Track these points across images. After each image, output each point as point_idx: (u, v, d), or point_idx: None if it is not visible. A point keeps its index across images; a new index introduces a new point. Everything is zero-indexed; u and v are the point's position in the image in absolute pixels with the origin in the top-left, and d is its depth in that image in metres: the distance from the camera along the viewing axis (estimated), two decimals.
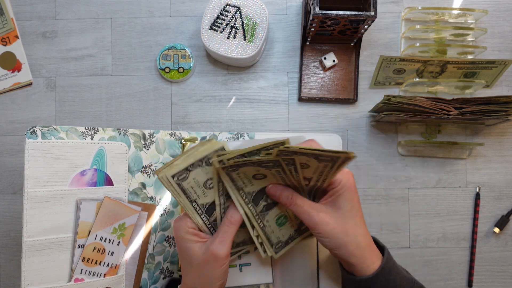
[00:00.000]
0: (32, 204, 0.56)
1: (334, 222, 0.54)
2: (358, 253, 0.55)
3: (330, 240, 0.54)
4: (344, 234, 0.54)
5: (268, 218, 0.58)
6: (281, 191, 0.55)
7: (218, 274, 0.55)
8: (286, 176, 0.54)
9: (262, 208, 0.57)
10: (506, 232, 0.75)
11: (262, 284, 0.69)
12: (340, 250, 0.55)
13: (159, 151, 0.70)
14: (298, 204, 0.55)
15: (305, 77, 0.77)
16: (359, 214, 0.56)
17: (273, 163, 0.50)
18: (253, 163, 0.50)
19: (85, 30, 0.78)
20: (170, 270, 0.71)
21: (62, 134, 0.59)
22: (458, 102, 0.65)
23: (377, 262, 0.56)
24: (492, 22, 0.78)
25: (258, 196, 0.56)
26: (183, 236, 0.56)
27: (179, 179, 0.53)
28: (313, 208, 0.55)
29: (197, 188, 0.54)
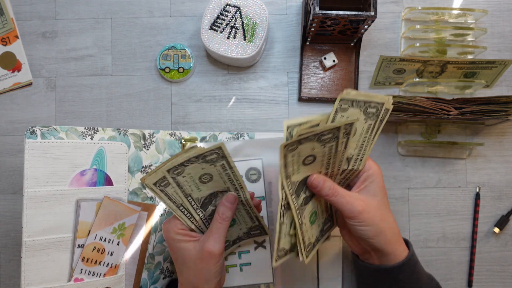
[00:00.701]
0: (32, 204, 0.56)
1: (374, 209, 0.55)
2: (394, 240, 0.56)
3: (371, 227, 0.54)
4: (383, 221, 0.55)
5: (305, 214, 0.57)
6: (324, 181, 0.54)
7: (215, 271, 0.55)
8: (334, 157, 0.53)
9: (302, 201, 0.56)
10: (506, 232, 0.75)
11: (262, 284, 0.69)
12: (378, 237, 0.55)
13: (159, 151, 0.70)
14: (340, 194, 0.54)
15: (305, 77, 0.77)
16: (388, 202, 0.58)
17: (333, 134, 0.50)
18: (314, 136, 0.49)
19: (85, 30, 0.78)
20: (170, 270, 0.71)
21: (62, 134, 0.59)
22: (458, 102, 0.65)
23: (405, 252, 0.57)
24: (492, 22, 0.78)
25: (300, 187, 0.55)
26: (174, 237, 0.56)
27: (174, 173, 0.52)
28: (354, 197, 0.55)
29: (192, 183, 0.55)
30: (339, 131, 0.50)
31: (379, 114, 0.54)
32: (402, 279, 0.56)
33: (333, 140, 0.51)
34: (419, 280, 0.58)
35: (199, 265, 0.55)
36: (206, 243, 0.55)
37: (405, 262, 0.56)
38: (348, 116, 0.52)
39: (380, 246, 0.56)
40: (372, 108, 0.53)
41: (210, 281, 0.55)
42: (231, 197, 0.57)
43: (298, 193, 0.54)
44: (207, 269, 0.55)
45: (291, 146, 0.48)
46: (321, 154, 0.53)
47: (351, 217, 0.54)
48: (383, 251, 0.56)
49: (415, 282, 0.57)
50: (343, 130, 0.50)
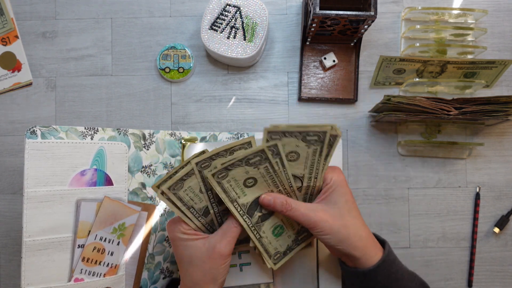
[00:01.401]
0: (32, 204, 0.56)
1: (332, 218, 0.55)
2: (360, 245, 0.56)
3: (332, 236, 0.55)
4: (344, 227, 0.55)
5: (264, 229, 0.58)
6: (275, 198, 0.55)
7: (222, 269, 0.55)
8: (277, 177, 0.54)
9: (258, 219, 0.57)
10: (506, 232, 0.75)
11: (262, 284, 0.69)
12: (342, 244, 0.55)
13: (159, 151, 0.70)
14: (294, 208, 0.55)
15: (305, 77, 0.77)
16: (354, 207, 0.57)
17: (260, 156, 0.50)
18: (240, 161, 0.50)
19: (85, 30, 0.78)
20: (170, 270, 0.71)
21: (62, 134, 0.59)
22: (458, 102, 0.65)
23: (379, 254, 0.57)
24: (492, 22, 0.78)
25: (252, 207, 0.56)
26: (181, 236, 0.56)
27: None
28: (309, 209, 0.56)
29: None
30: (265, 153, 0.50)
31: (324, 140, 0.52)
32: (380, 280, 0.56)
33: (265, 162, 0.51)
34: (398, 279, 0.57)
35: (208, 264, 0.55)
36: (218, 244, 0.55)
37: (380, 264, 0.56)
38: (283, 144, 0.51)
39: (347, 252, 0.56)
40: (313, 136, 0.51)
41: (216, 281, 0.55)
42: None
43: (250, 212, 0.56)
44: (215, 269, 0.55)
45: (220, 173, 0.50)
46: (259, 176, 0.53)
47: (310, 228, 0.55)
48: (352, 256, 0.56)
49: (393, 282, 0.57)
50: (270, 152, 0.51)
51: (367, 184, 0.76)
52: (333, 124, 0.51)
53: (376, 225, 0.75)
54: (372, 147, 0.76)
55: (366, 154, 0.76)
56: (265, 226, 0.58)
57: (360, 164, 0.76)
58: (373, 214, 0.75)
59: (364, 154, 0.76)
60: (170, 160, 0.71)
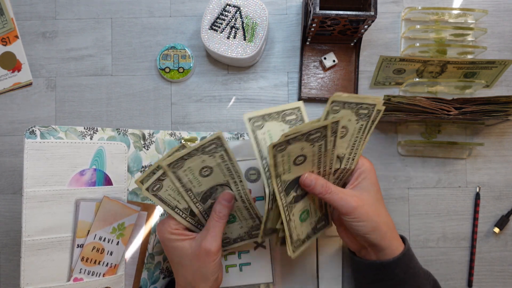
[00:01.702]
0: (31, 204, 0.56)
1: (368, 205, 0.55)
2: (389, 235, 0.57)
3: (366, 223, 0.55)
4: (377, 216, 0.56)
5: (294, 212, 0.57)
6: (317, 179, 0.55)
7: (212, 268, 0.55)
8: (324, 156, 0.54)
9: (292, 199, 0.56)
10: (506, 232, 0.75)
11: (262, 284, 0.69)
12: (374, 233, 0.56)
13: (158, 151, 0.70)
14: (333, 191, 0.55)
15: (305, 77, 0.77)
16: (382, 198, 0.58)
17: (321, 133, 0.51)
18: (303, 135, 0.50)
19: (85, 30, 0.78)
20: (170, 270, 0.71)
21: (61, 134, 0.59)
22: (458, 102, 0.65)
23: (400, 247, 0.57)
24: (492, 22, 0.78)
25: (290, 186, 0.55)
26: (169, 237, 0.56)
27: (174, 167, 0.53)
28: (347, 194, 0.56)
29: (192, 177, 0.55)
30: (326, 129, 0.51)
31: (371, 115, 0.55)
32: (398, 273, 0.57)
33: (322, 139, 0.52)
34: (415, 275, 0.58)
35: (196, 264, 0.55)
36: (203, 241, 0.55)
37: (401, 257, 0.56)
38: (341, 117, 0.53)
39: (376, 241, 0.56)
40: (364, 110, 0.54)
41: (207, 279, 0.56)
42: (227, 195, 0.57)
43: (288, 191, 0.55)
44: (204, 267, 0.55)
45: (280, 146, 0.49)
46: (311, 154, 0.53)
47: (346, 213, 0.55)
48: (379, 246, 0.57)
49: (411, 277, 0.57)
50: (330, 128, 0.51)
51: None
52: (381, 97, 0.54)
53: None
54: (372, 147, 0.76)
55: (366, 154, 0.76)
56: (296, 208, 0.58)
57: None
58: None
59: (364, 154, 0.76)
60: None
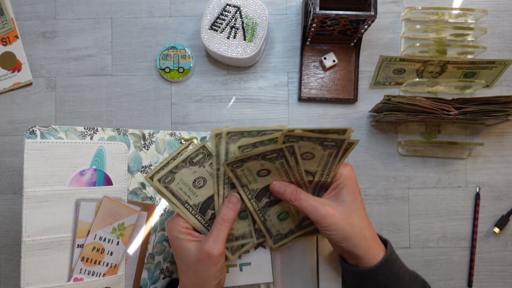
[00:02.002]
0: (31, 204, 0.56)
1: (340, 215, 0.55)
2: (363, 244, 0.56)
3: (337, 232, 0.55)
4: (350, 226, 0.55)
5: (269, 213, 0.59)
6: (285, 187, 0.56)
7: (213, 272, 0.55)
8: (290, 170, 0.54)
9: (265, 204, 0.58)
10: (506, 232, 0.75)
11: (262, 284, 0.69)
12: (346, 242, 0.55)
13: (158, 151, 0.70)
14: (303, 199, 0.55)
15: (305, 77, 0.77)
16: (361, 206, 0.57)
17: (277, 153, 0.51)
18: (257, 156, 0.50)
19: (85, 30, 0.78)
20: (170, 270, 0.71)
21: (62, 134, 0.59)
22: (458, 102, 0.65)
23: (381, 254, 0.57)
24: (492, 22, 0.77)
25: (262, 193, 0.56)
26: (177, 236, 0.56)
27: (166, 182, 0.54)
28: (318, 202, 0.55)
29: (186, 189, 0.55)
30: (283, 151, 0.51)
31: (341, 145, 0.53)
32: (380, 280, 0.56)
33: (281, 158, 0.52)
34: (399, 279, 0.57)
35: (198, 266, 0.55)
36: (205, 244, 0.54)
37: (382, 264, 0.55)
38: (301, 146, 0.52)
39: (349, 250, 0.56)
40: (330, 142, 0.52)
41: (208, 283, 0.55)
42: (234, 198, 0.57)
43: (259, 197, 0.57)
44: (205, 271, 0.55)
45: (235, 164, 0.50)
46: (274, 168, 0.54)
47: (316, 221, 0.55)
48: (354, 254, 0.56)
49: (395, 281, 0.56)
50: (287, 151, 0.51)
51: (367, 184, 0.76)
52: (351, 130, 0.51)
53: (376, 225, 0.75)
54: (372, 147, 0.76)
55: (366, 154, 0.76)
56: (271, 211, 0.59)
57: (360, 164, 0.76)
58: (373, 214, 0.75)
59: (364, 154, 0.76)
60: None
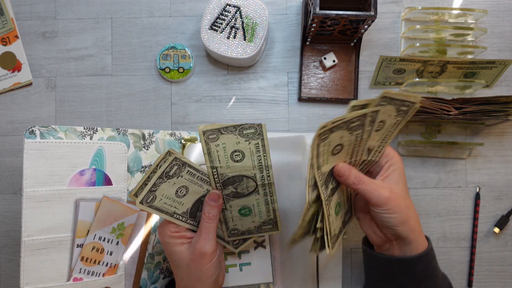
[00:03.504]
0: (31, 204, 0.56)
1: (399, 197, 0.55)
2: (417, 228, 0.56)
3: (397, 215, 0.54)
4: (408, 208, 0.55)
5: (331, 205, 0.57)
6: (350, 169, 0.55)
7: (208, 270, 0.55)
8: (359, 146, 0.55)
9: (330, 192, 0.56)
10: (506, 232, 0.75)
11: (262, 284, 0.69)
12: (403, 225, 0.55)
13: (158, 151, 0.70)
14: (366, 182, 0.55)
15: (305, 77, 0.77)
16: (408, 190, 0.58)
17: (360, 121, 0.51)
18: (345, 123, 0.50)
19: (85, 30, 0.78)
20: (169, 270, 0.71)
21: (61, 134, 0.59)
22: (458, 102, 0.65)
23: (425, 244, 0.57)
24: (492, 22, 0.77)
25: (328, 178, 0.55)
26: (168, 241, 0.56)
27: (148, 201, 0.54)
28: (379, 185, 0.55)
29: (170, 202, 0.55)
30: (365, 118, 0.51)
31: (408, 112, 0.55)
32: (417, 271, 0.56)
33: (360, 128, 0.52)
34: (433, 276, 0.57)
35: (192, 267, 0.55)
36: (196, 244, 0.55)
37: (424, 254, 0.55)
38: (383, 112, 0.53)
39: (404, 234, 0.55)
40: (405, 107, 0.54)
41: (204, 281, 0.55)
42: (214, 195, 0.56)
43: (327, 184, 0.55)
44: (199, 270, 0.55)
45: (324, 135, 0.49)
46: (347, 143, 0.53)
47: (378, 205, 0.54)
48: (406, 239, 0.55)
49: (429, 276, 0.56)
50: (369, 117, 0.52)
51: None
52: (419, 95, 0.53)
53: None
54: None
55: None
56: (332, 201, 0.57)
57: None
58: None
59: None
60: None
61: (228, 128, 0.52)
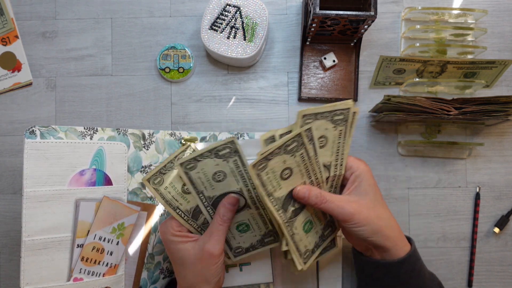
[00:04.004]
0: (31, 204, 0.56)
1: (367, 209, 0.55)
2: (392, 235, 0.56)
3: (367, 227, 0.54)
4: (378, 218, 0.55)
5: (296, 225, 0.57)
6: (310, 190, 0.55)
7: (214, 271, 0.55)
8: (310, 165, 0.54)
9: (291, 214, 0.56)
10: (506, 232, 0.75)
11: (262, 284, 0.69)
12: (376, 236, 0.55)
13: (158, 151, 0.70)
14: (329, 200, 0.54)
15: (305, 77, 0.77)
16: (382, 198, 0.58)
17: (297, 142, 0.51)
18: (279, 149, 0.50)
19: (85, 30, 0.78)
20: (169, 270, 0.71)
21: (61, 134, 0.59)
22: (458, 102, 0.65)
23: (406, 248, 0.57)
24: (492, 22, 0.77)
25: (286, 201, 0.55)
26: (171, 238, 0.56)
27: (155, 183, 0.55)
28: (343, 200, 0.55)
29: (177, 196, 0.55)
30: (301, 137, 0.51)
31: (347, 118, 0.55)
32: (402, 274, 0.56)
33: (301, 148, 0.52)
34: (420, 277, 0.57)
35: (199, 265, 0.55)
36: (206, 244, 0.54)
37: (406, 258, 0.56)
38: (316, 128, 0.53)
39: (379, 243, 0.55)
40: (339, 115, 0.54)
41: (208, 282, 0.55)
42: (232, 199, 0.56)
43: (285, 207, 0.55)
44: (206, 270, 0.55)
45: (260, 164, 0.49)
46: (295, 165, 0.53)
47: (345, 221, 0.55)
48: (383, 247, 0.56)
49: (415, 278, 0.57)
50: (305, 136, 0.51)
51: None
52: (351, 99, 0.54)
53: None
54: (372, 147, 0.76)
55: (366, 154, 0.76)
56: (297, 221, 0.57)
57: None
58: None
59: (364, 154, 0.76)
60: None
61: (204, 154, 0.53)
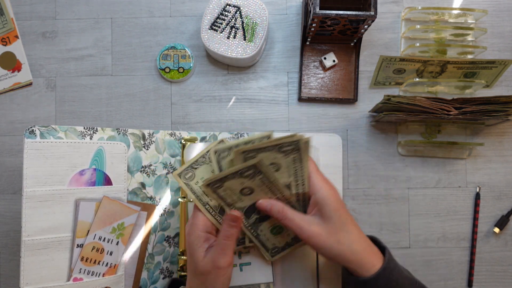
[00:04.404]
0: (31, 204, 0.56)
1: (326, 234, 0.54)
2: (353, 259, 0.55)
3: (324, 251, 0.55)
4: (337, 243, 0.54)
5: (262, 228, 0.59)
6: (272, 205, 0.55)
7: (221, 282, 0.54)
8: (272, 186, 0.54)
9: (255, 220, 0.58)
10: (506, 232, 0.75)
11: (262, 284, 0.69)
12: (336, 259, 0.55)
13: (158, 151, 0.70)
14: (289, 218, 0.55)
15: (305, 77, 0.77)
16: (349, 221, 0.56)
17: (253, 169, 0.51)
18: (233, 175, 0.50)
19: (85, 30, 0.78)
20: (170, 270, 0.71)
21: (61, 134, 0.59)
22: (458, 102, 0.65)
23: (377, 264, 0.55)
24: (492, 22, 0.77)
25: (250, 210, 0.56)
26: (193, 241, 0.55)
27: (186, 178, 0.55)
28: (304, 221, 0.55)
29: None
30: (249, 169, 0.51)
31: (299, 147, 0.53)
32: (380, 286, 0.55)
33: (257, 174, 0.52)
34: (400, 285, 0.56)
35: (206, 277, 0.54)
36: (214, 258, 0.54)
37: (378, 274, 0.54)
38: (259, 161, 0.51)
39: (345, 264, 0.55)
40: (287, 146, 0.52)
41: None
42: (231, 216, 0.55)
43: (248, 215, 0.57)
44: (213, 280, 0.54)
45: (215, 184, 0.50)
46: (256, 185, 0.53)
47: (304, 240, 0.55)
48: (350, 267, 0.55)
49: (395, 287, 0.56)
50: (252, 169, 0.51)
51: (367, 184, 0.76)
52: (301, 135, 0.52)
53: (376, 225, 0.75)
54: (372, 147, 0.76)
55: (366, 154, 0.76)
56: (263, 226, 0.59)
57: (360, 164, 0.76)
58: (373, 214, 0.75)
59: (364, 154, 0.76)
60: (170, 160, 0.71)
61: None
